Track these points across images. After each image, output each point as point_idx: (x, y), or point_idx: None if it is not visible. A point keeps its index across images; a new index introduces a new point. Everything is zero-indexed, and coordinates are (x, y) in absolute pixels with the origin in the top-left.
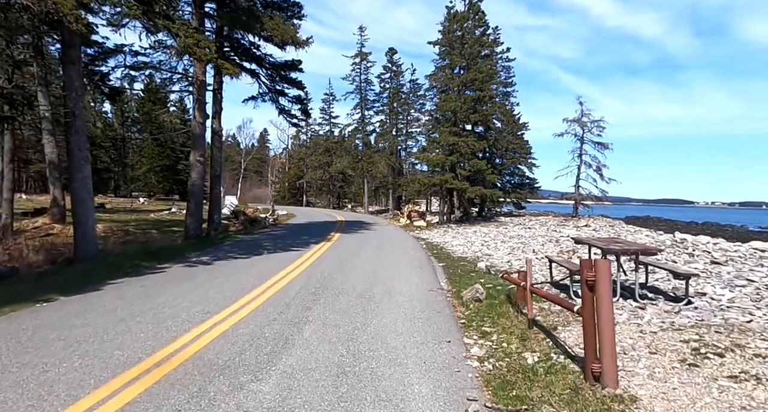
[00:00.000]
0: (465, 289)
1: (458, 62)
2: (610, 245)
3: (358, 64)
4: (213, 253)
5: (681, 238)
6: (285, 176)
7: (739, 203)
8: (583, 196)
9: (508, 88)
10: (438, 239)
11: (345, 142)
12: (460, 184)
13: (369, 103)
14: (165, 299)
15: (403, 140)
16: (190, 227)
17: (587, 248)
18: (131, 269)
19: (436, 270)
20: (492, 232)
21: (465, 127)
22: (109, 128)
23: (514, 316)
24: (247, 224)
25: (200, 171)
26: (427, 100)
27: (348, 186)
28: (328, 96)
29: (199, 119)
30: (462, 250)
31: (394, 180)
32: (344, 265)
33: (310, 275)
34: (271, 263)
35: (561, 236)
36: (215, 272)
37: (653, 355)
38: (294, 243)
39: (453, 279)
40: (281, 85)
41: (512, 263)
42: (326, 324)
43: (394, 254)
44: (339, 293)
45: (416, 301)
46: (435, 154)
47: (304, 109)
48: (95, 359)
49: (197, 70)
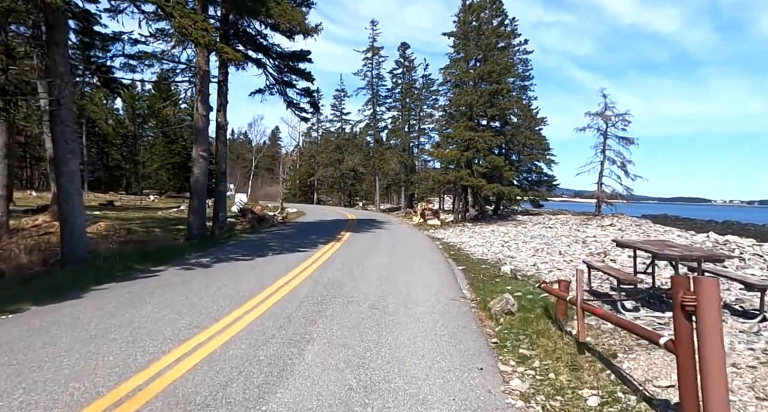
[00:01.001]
0: (491, 298)
1: (474, 54)
2: (664, 249)
3: (369, 59)
4: (214, 254)
5: (717, 239)
6: (296, 174)
7: (758, 202)
8: (607, 194)
9: (526, 81)
10: (454, 238)
11: (356, 139)
12: (476, 182)
13: (381, 99)
14: (150, 310)
15: (415, 137)
16: (193, 225)
17: (632, 251)
18: (122, 273)
19: (455, 275)
20: (511, 231)
21: (480, 122)
22: (121, 125)
23: (557, 335)
24: (255, 222)
25: (203, 167)
26: (440, 96)
27: (359, 184)
28: (340, 92)
29: (202, 112)
30: (481, 251)
31: (406, 177)
32: (354, 269)
33: (317, 280)
34: (274, 266)
35: (587, 236)
36: (213, 276)
37: (764, 402)
38: (301, 243)
39: (476, 286)
40: (289, 76)
41: (538, 266)
42: (332, 343)
43: (408, 256)
44: (348, 303)
45: (437, 313)
46: (450, 151)
47: (313, 102)
48: (42, 395)
49: (200, 59)
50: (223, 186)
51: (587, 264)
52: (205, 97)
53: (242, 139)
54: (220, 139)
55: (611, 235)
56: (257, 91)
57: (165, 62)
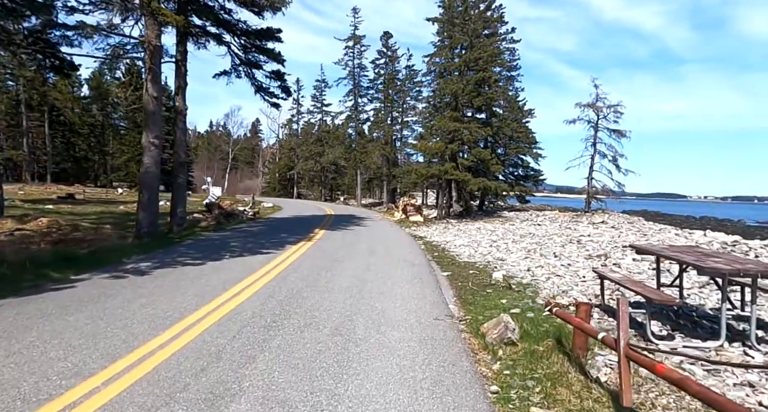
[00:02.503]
0: (484, 317)
1: (460, 40)
2: (706, 260)
3: (351, 48)
4: (160, 257)
5: (725, 240)
6: (275, 167)
7: (731, 198)
8: (597, 189)
9: (512, 71)
10: (438, 237)
11: (337, 131)
12: (461, 176)
13: (362, 90)
14: (29, 342)
15: (398, 130)
16: (143, 223)
17: (636, 256)
18: (30, 283)
19: (440, 283)
20: (498, 229)
21: (466, 113)
22: (88, 114)
23: (579, 382)
24: (222, 218)
25: (155, 156)
26: (424, 87)
27: (341, 178)
28: (320, 83)
29: (153, 93)
30: (468, 252)
31: (388, 171)
32: (322, 276)
33: (273, 292)
34: (226, 274)
35: (581, 235)
36: (144, 288)
37: None
38: (267, 243)
39: (464, 298)
40: (256, 56)
41: (533, 272)
42: (267, 400)
43: (386, 258)
44: (305, 327)
45: (417, 340)
46: (434, 143)
47: (285, 86)
48: None
49: (149, 32)
50: (183, 178)
51: (599, 274)
52: (156, 76)
53: (221, 131)
54: (179, 126)
55: (606, 234)
56: (222, 73)
57: (112, 36)
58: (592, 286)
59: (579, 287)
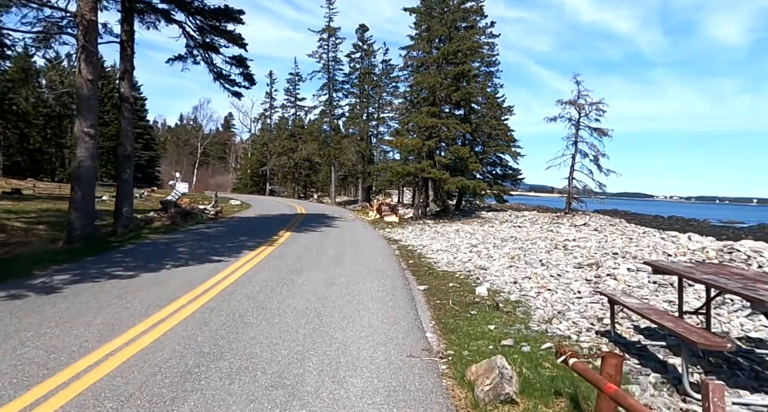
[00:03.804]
0: (470, 352)
1: (439, 32)
2: (760, 290)
3: (326, 40)
4: (86, 267)
5: (720, 246)
6: (247, 163)
7: (695, 198)
8: (579, 189)
9: (491, 67)
10: (413, 240)
11: (311, 127)
12: (439, 174)
13: (337, 84)
14: None
15: (374, 126)
16: (75, 224)
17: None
18: None
19: (415, 300)
20: (478, 232)
21: (444, 109)
22: (43, 104)
23: None
24: (179, 218)
25: (90, 147)
26: (400, 82)
27: (315, 174)
28: (294, 76)
29: (87, 75)
30: (446, 259)
31: (363, 168)
32: (275, 293)
33: (208, 318)
34: (158, 291)
35: (565, 239)
36: (40, 314)
37: None
38: (222, 248)
39: (444, 322)
40: (214, 38)
41: (520, 284)
42: None
43: (355, 268)
44: (237, 374)
45: (384, 394)
46: (410, 139)
47: (247, 73)
48: None
49: (82, 4)
50: (129, 174)
51: (609, 298)
52: (91, 56)
53: (192, 125)
54: (124, 115)
55: (592, 238)
56: (176, 57)
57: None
58: (591, 305)
59: (576, 306)
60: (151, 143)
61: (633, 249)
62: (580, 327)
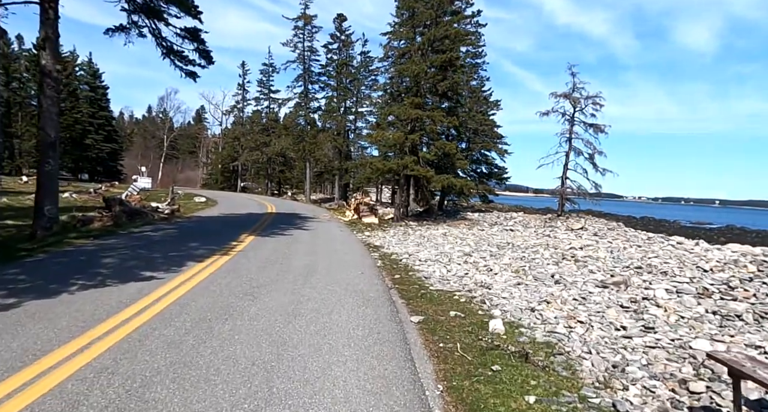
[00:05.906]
0: None
1: (424, 16)
2: None
3: (301, 29)
4: None
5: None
6: (218, 158)
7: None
8: (573, 189)
9: (477, 59)
10: (397, 247)
11: (286, 120)
12: (423, 171)
13: (313, 76)
14: None
15: (352, 120)
16: None
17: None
18: None
19: (409, 343)
20: (468, 236)
21: (428, 100)
22: None
23: None
24: (124, 217)
25: None
26: (380, 74)
27: (289, 170)
28: (267, 66)
29: None
30: (438, 272)
31: (340, 165)
32: (211, 335)
33: (93, 386)
34: (36, 332)
35: (570, 247)
36: None
37: None
38: (162, 258)
39: (457, 387)
40: (159, 3)
41: (541, 313)
42: None
43: (328, 288)
44: None
45: None
46: (392, 133)
47: (203, 49)
48: None
49: None
50: (52, 165)
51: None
52: None
53: (160, 117)
54: (46, 93)
55: (602, 246)
56: (116, 28)
57: None
58: (653, 352)
59: (631, 353)
60: (113, 135)
61: (656, 261)
62: (662, 400)
